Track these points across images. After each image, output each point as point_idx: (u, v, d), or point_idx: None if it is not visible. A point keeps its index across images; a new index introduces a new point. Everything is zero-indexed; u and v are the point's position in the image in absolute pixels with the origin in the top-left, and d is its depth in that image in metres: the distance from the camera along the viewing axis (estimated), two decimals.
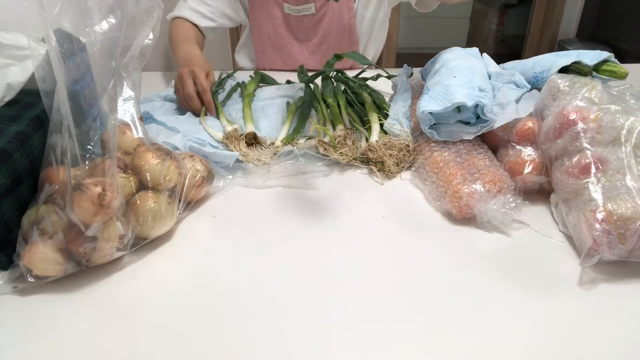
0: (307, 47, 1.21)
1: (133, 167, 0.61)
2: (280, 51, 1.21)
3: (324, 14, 1.15)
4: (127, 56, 0.62)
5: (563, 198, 0.64)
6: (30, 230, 0.55)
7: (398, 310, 0.53)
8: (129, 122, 0.64)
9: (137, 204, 0.59)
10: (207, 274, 0.59)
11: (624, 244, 0.55)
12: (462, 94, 0.72)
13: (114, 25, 0.58)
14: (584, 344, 0.49)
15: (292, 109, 0.91)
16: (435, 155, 0.72)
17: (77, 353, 0.49)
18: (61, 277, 0.56)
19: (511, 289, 0.56)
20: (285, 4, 1.14)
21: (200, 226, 0.67)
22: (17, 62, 0.62)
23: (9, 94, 0.62)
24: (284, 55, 1.22)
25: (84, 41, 0.56)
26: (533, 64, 0.83)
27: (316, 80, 1.04)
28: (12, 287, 0.55)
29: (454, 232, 0.65)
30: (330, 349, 0.49)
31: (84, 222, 0.53)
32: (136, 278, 0.58)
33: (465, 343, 0.49)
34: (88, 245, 0.54)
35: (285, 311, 0.53)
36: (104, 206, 0.54)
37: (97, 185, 0.54)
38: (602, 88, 0.67)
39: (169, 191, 0.63)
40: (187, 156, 0.69)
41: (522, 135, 0.71)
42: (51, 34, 0.51)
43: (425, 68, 0.93)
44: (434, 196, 0.70)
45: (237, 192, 0.74)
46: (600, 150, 0.62)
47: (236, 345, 0.49)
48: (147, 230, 0.60)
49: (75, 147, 0.54)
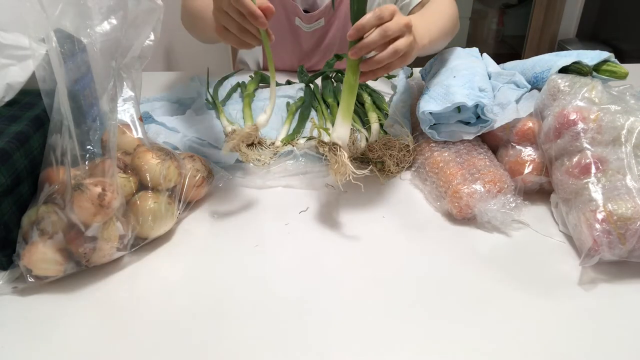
0: (311, 54, 1.20)
1: (133, 167, 0.61)
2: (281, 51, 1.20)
3: (331, 25, 1.15)
4: (127, 57, 0.62)
5: (563, 198, 0.64)
6: (30, 231, 0.55)
7: (398, 310, 0.53)
8: (129, 122, 0.64)
9: (137, 204, 0.59)
10: (207, 274, 0.59)
11: (624, 244, 0.55)
12: (462, 94, 0.72)
13: (115, 25, 0.58)
14: (584, 344, 0.49)
15: (292, 109, 0.91)
16: (435, 155, 0.72)
17: (77, 353, 0.49)
18: (61, 277, 0.56)
19: (511, 289, 0.56)
20: (297, 18, 1.12)
21: (201, 226, 0.67)
22: (17, 62, 0.62)
23: (9, 94, 0.62)
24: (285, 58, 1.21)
25: (85, 41, 0.56)
26: (533, 64, 0.83)
27: (316, 80, 1.03)
28: (12, 287, 0.55)
29: (454, 232, 0.65)
30: (330, 349, 0.49)
31: (84, 222, 0.53)
32: (136, 278, 0.58)
33: (465, 343, 0.49)
34: (88, 246, 0.54)
35: (285, 311, 0.53)
36: (104, 206, 0.54)
37: (97, 185, 0.54)
38: (602, 88, 0.67)
39: (169, 191, 0.63)
40: (187, 156, 0.69)
41: (522, 135, 0.71)
42: (52, 34, 0.51)
43: (425, 68, 0.93)
44: (434, 196, 0.70)
45: (237, 192, 0.74)
46: (601, 151, 0.62)
47: (236, 346, 0.49)
48: (147, 231, 0.60)
49: (75, 147, 0.54)
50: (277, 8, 1.09)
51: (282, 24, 1.13)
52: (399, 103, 0.84)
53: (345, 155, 0.63)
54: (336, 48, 1.18)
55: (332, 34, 1.16)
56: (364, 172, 0.63)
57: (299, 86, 1.01)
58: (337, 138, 0.64)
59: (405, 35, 0.65)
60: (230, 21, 0.66)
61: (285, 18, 1.12)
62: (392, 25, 0.63)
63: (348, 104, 0.65)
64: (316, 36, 1.16)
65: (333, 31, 1.15)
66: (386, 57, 0.64)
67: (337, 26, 1.15)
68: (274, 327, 0.51)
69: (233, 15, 0.65)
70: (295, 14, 1.11)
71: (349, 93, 0.65)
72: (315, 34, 1.15)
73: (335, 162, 0.64)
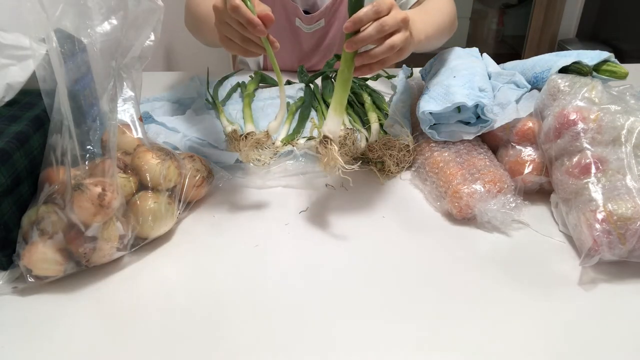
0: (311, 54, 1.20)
1: (133, 167, 0.61)
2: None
3: (331, 26, 1.15)
4: (127, 57, 0.62)
5: (563, 198, 0.64)
6: (30, 231, 0.55)
7: (398, 310, 0.53)
8: (129, 122, 0.64)
9: (137, 204, 0.59)
10: (207, 273, 0.59)
11: (624, 244, 0.55)
12: (462, 94, 0.72)
13: (115, 26, 0.58)
14: (584, 344, 0.49)
15: (292, 109, 0.91)
16: (435, 155, 0.72)
17: (77, 353, 0.49)
18: (61, 277, 0.56)
19: (511, 289, 0.56)
20: (297, 19, 1.12)
21: (201, 226, 0.67)
22: (18, 62, 0.62)
23: (9, 94, 0.62)
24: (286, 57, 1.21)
25: (85, 41, 0.56)
26: (533, 64, 0.83)
27: (316, 81, 1.03)
28: (12, 287, 0.55)
29: (454, 232, 0.65)
30: (330, 348, 0.49)
31: (84, 222, 0.53)
32: (136, 278, 0.58)
33: (465, 343, 0.49)
34: (88, 246, 0.54)
35: (285, 310, 0.53)
36: (104, 206, 0.54)
37: (97, 185, 0.54)
38: (602, 88, 0.67)
39: (168, 191, 0.63)
40: (187, 156, 0.69)
41: (522, 135, 0.71)
42: (52, 34, 0.51)
43: (425, 68, 0.93)
44: (434, 196, 0.70)
45: (237, 192, 0.74)
46: (601, 150, 0.62)
47: (236, 345, 0.49)
48: (147, 231, 0.60)
49: (76, 147, 0.54)
50: (278, 9, 1.09)
51: (283, 25, 1.13)
52: (398, 103, 0.84)
53: (335, 148, 0.63)
54: (336, 48, 1.18)
55: (332, 35, 1.16)
56: (354, 167, 0.63)
57: (299, 86, 1.01)
58: (328, 131, 0.64)
59: (401, 31, 0.65)
60: (232, 31, 0.66)
61: (285, 19, 1.12)
62: (389, 20, 0.62)
63: (341, 98, 0.64)
64: (316, 37, 1.16)
65: (333, 32, 1.15)
66: (382, 52, 0.64)
67: (337, 27, 1.15)
68: (274, 326, 0.51)
69: (234, 26, 0.65)
70: (296, 14, 1.11)
71: (342, 86, 0.64)
72: (316, 34, 1.15)
73: (325, 155, 0.63)
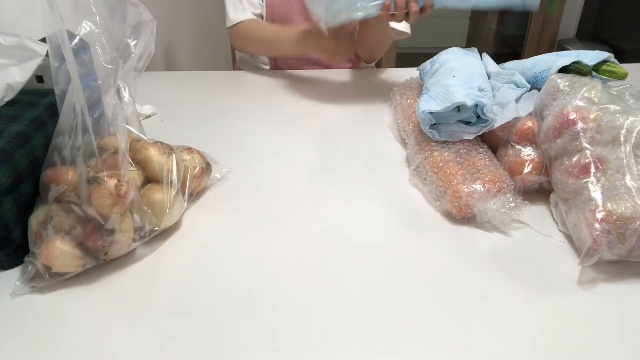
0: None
1: (138, 162, 0.63)
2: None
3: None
4: (126, 66, 0.62)
5: (563, 198, 0.64)
6: (42, 230, 0.55)
7: (398, 310, 0.53)
8: (129, 122, 0.65)
9: (147, 197, 0.61)
10: (218, 261, 0.60)
11: (624, 244, 0.55)
12: (462, 94, 0.72)
13: (116, 26, 0.58)
14: (584, 343, 0.49)
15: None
16: (435, 155, 0.72)
17: (85, 347, 0.49)
18: (77, 274, 0.56)
19: (511, 289, 0.56)
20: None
21: (204, 216, 0.68)
22: (18, 63, 0.62)
23: (9, 94, 0.62)
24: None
25: (87, 41, 0.56)
26: (533, 64, 0.83)
27: None
28: (30, 287, 0.55)
29: (454, 232, 0.65)
30: (330, 348, 0.49)
31: (103, 214, 0.54)
32: (152, 269, 0.59)
33: (465, 343, 0.49)
34: (107, 239, 0.55)
35: (284, 310, 0.53)
36: (121, 196, 0.55)
37: (112, 177, 0.55)
38: (602, 88, 0.67)
39: (173, 183, 0.64)
40: (185, 149, 0.71)
41: (522, 135, 0.71)
42: (65, 34, 0.51)
43: (424, 68, 0.93)
44: (434, 196, 0.70)
45: (236, 184, 0.75)
46: (600, 150, 0.62)
47: (236, 344, 0.49)
48: (158, 221, 0.61)
49: (93, 142, 0.55)
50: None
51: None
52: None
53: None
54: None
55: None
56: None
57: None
58: None
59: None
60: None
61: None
62: None
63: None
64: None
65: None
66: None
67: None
68: (274, 325, 0.51)
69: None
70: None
71: None
72: None
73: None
